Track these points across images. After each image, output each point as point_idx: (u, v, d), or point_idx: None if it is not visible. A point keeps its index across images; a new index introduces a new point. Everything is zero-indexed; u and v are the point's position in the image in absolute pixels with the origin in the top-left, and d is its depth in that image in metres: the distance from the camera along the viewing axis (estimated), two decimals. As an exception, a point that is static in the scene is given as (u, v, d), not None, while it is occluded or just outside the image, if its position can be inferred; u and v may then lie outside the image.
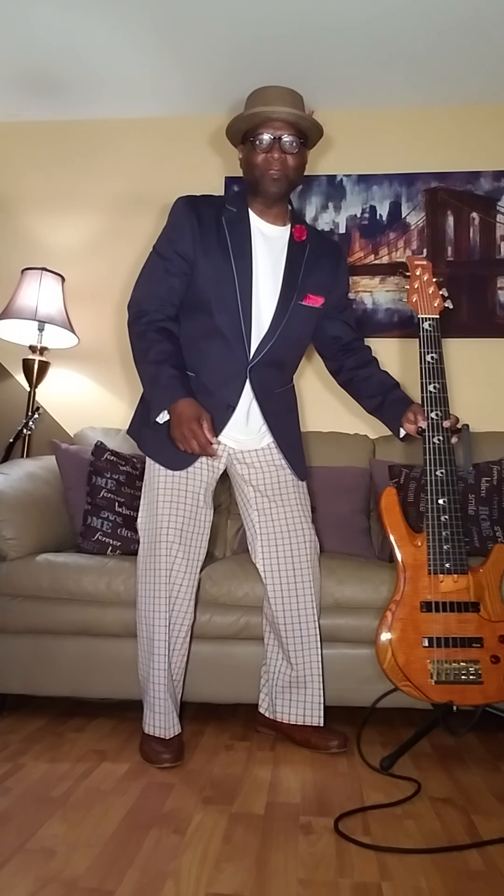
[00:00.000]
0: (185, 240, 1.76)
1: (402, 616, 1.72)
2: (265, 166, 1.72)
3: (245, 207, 1.82)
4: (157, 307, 1.76)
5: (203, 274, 1.76)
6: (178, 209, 1.81)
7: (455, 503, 1.74)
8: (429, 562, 1.73)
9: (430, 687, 1.68)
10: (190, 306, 1.80)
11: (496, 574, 1.73)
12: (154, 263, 1.80)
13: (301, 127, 1.72)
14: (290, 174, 1.74)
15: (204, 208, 1.80)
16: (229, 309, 1.75)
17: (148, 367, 1.71)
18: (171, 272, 1.77)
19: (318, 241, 1.89)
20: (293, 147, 1.71)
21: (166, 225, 1.82)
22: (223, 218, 1.79)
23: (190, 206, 1.80)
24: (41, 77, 2.83)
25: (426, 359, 1.79)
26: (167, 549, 1.70)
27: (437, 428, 1.76)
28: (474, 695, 1.68)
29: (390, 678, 1.70)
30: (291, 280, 1.81)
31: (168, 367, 1.69)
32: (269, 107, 1.69)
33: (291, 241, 1.84)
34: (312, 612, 1.82)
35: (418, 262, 1.85)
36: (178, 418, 1.65)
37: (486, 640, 1.69)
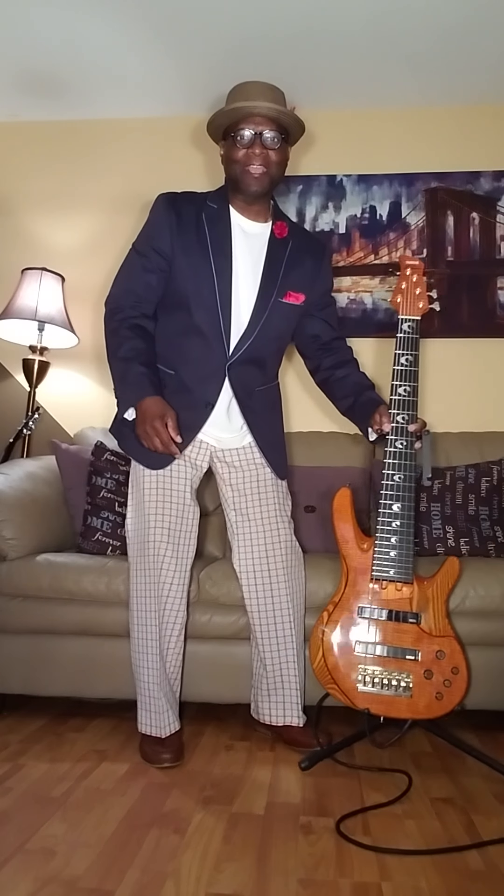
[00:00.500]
0: (162, 237, 1.76)
1: (338, 618, 1.71)
2: (246, 162, 1.70)
3: (226, 204, 1.81)
4: (132, 304, 1.76)
5: (181, 271, 1.75)
6: (157, 206, 1.80)
7: (409, 510, 1.72)
8: (373, 567, 1.72)
9: (357, 693, 1.66)
10: (169, 303, 1.80)
11: (444, 587, 1.70)
12: (132, 260, 1.79)
13: (282, 122, 1.71)
14: (272, 170, 1.73)
15: (184, 205, 1.79)
16: (208, 307, 1.74)
17: (118, 363, 1.72)
18: (147, 269, 1.76)
19: (301, 237, 1.88)
20: (275, 143, 1.70)
21: (146, 222, 1.82)
22: (203, 214, 1.78)
23: (169, 203, 1.79)
24: (41, 77, 2.83)
25: (400, 360, 1.76)
26: (155, 549, 1.71)
27: (402, 432, 1.73)
28: (401, 708, 1.65)
29: (318, 678, 1.70)
30: (271, 277, 1.79)
31: (137, 364, 1.69)
32: (250, 102, 1.68)
33: (272, 238, 1.82)
34: (288, 614, 1.81)
35: (409, 263, 1.83)
36: (143, 415, 1.65)
37: (422, 653, 1.66)
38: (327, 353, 1.96)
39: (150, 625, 1.72)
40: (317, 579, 1.92)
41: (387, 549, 1.71)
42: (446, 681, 1.64)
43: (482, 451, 2.48)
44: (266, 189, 1.74)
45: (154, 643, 1.71)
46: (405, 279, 1.82)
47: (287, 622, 1.81)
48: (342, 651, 1.69)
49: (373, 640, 1.68)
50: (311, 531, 2.26)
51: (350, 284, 2.86)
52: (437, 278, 2.81)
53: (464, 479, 2.32)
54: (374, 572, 1.71)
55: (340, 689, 1.67)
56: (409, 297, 1.80)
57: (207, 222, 1.77)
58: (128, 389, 1.69)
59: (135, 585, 1.76)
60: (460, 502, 2.27)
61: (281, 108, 1.69)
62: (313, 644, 1.71)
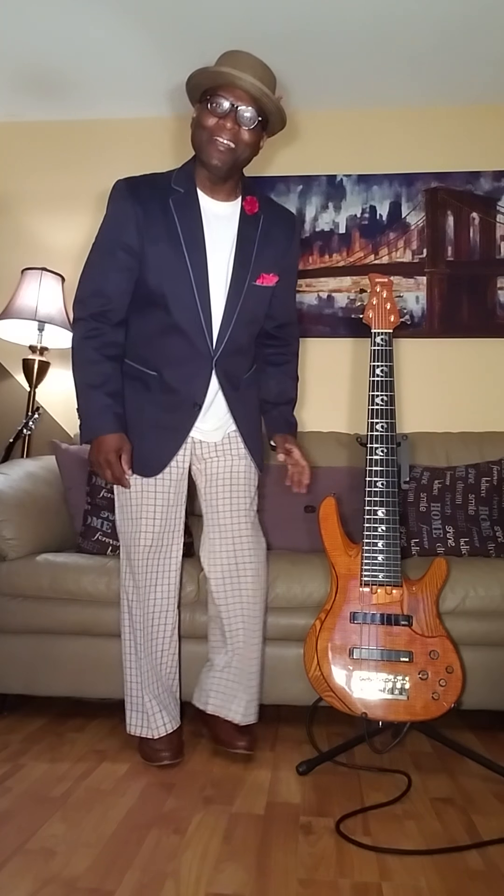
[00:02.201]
0: (128, 232, 1.64)
1: (331, 626, 1.71)
2: (215, 131, 1.58)
3: (193, 186, 1.68)
4: (101, 311, 1.66)
5: (154, 267, 1.65)
6: (118, 197, 1.67)
7: (394, 514, 1.73)
8: (362, 572, 1.73)
9: (354, 699, 1.67)
10: (143, 302, 1.69)
11: (433, 588, 1.71)
12: (98, 259, 1.67)
13: (264, 105, 1.59)
14: (239, 149, 1.60)
15: (146, 192, 1.66)
16: (186, 304, 1.66)
17: (84, 387, 1.65)
18: (117, 268, 1.65)
19: (271, 211, 1.77)
20: (250, 122, 1.57)
21: (107, 214, 1.68)
22: (171, 201, 1.65)
23: (131, 191, 1.65)
24: (41, 77, 2.83)
25: (376, 371, 1.81)
26: (138, 553, 1.70)
27: (382, 440, 1.77)
28: (399, 710, 1.65)
29: (315, 687, 1.70)
30: (244, 259, 1.70)
31: (102, 394, 1.64)
32: (236, 71, 1.55)
33: (243, 216, 1.72)
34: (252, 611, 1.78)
35: (379, 280, 1.88)
36: (98, 447, 1.63)
37: (415, 655, 1.67)
38: (271, 341, 1.90)
39: (136, 627, 1.72)
40: (317, 580, 1.93)
41: (374, 554, 1.72)
42: (441, 680, 1.65)
43: (482, 451, 2.48)
44: (227, 167, 1.62)
45: (140, 644, 1.72)
46: (375, 295, 1.87)
47: (252, 619, 1.78)
48: (337, 658, 1.69)
49: (367, 645, 1.69)
50: (312, 531, 2.26)
51: (350, 285, 2.86)
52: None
53: (464, 479, 2.32)
54: (363, 577, 1.72)
55: (337, 696, 1.67)
56: (380, 312, 1.85)
57: (176, 210, 1.65)
58: (91, 419, 1.64)
59: (122, 586, 1.77)
60: (460, 502, 2.27)
61: (266, 91, 1.57)
62: (308, 653, 1.71)
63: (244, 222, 1.72)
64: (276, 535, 2.28)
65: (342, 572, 1.75)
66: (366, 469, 1.77)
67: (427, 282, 2.83)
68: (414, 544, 2.21)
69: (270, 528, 2.29)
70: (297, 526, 2.30)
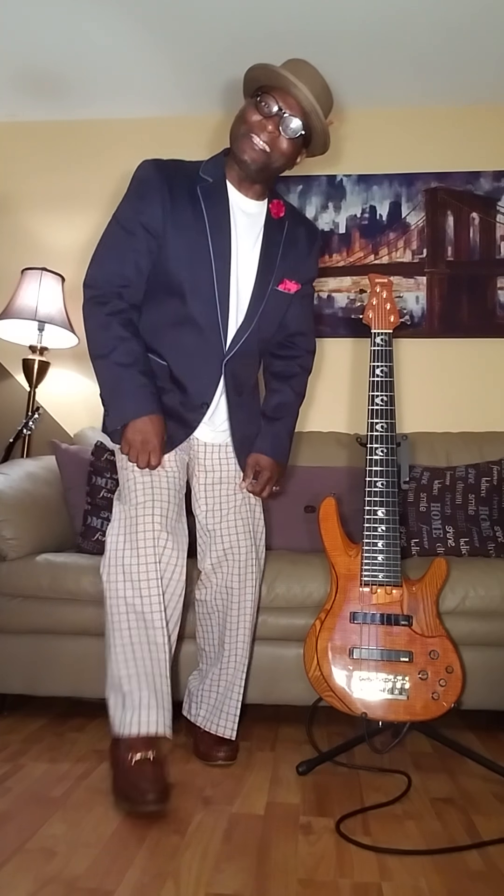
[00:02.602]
0: (153, 211, 1.56)
1: (331, 626, 1.71)
2: (254, 128, 1.55)
3: (222, 177, 1.64)
4: (119, 291, 1.56)
5: (175, 254, 1.58)
6: (145, 174, 1.60)
7: (394, 514, 1.73)
8: (362, 572, 1.73)
9: (354, 699, 1.66)
10: (159, 289, 1.61)
11: (433, 588, 1.71)
12: (117, 237, 1.58)
13: (311, 122, 1.57)
14: (274, 155, 1.57)
15: (176, 175, 1.60)
16: (204, 295, 1.59)
17: (111, 367, 1.53)
18: (137, 249, 1.57)
19: (296, 219, 1.76)
20: (292, 132, 1.55)
21: (130, 191, 1.61)
22: (198, 188, 1.61)
23: (160, 171, 1.59)
24: (41, 77, 2.83)
25: (375, 372, 1.81)
26: (155, 537, 1.52)
27: (382, 440, 1.77)
28: (399, 710, 1.65)
29: (315, 687, 1.70)
30: (268, 262, 1.67)
31: (136, 372, 1.53)
32: (296, 79, 1.52)
33: (268, 218, 1.69)
34: (244, 627, 1.73)
35: (378, 280, 1.88)
36: (140, 429, 1.51)
37: (415, 655, 1.67)
38: (281, 351, 1.85)
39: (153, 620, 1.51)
40: (317, 580, 1.93)
41: (374, 554, 1.72)
42: (441, 680, 1.65)
43: (482, 451, 2.48)
44: (257, 168, 1.58)
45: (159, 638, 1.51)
46: (375, 295, 1.87)
47: (242, 635, 1.73)
48: (337, 658, 1.69)
49: (367, 645, 1.69)
50: (312, 531, 2.26)
51: (350, 285, 2.86)
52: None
53: (464, 479, 2.32)
54: (363, 577, 1.72)
55: (337, 696, 1.67)
56: (380, 312, 1.85)
57: (204, 198, 1.60)
58: (126, 401, 1.52)
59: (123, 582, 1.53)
60: (460, 502, 2.27)
61: (317, 108, 1.54)
62: (308, 653, 1.71)
63: (270, 225, 1.69)
64: (276, 535, 2.28)
65: (342, 572, 1.75)
66: (366, 469, 1.77)
67: (427, 282, 2.83)
68: (414, 544, 2.21)
69: (270, 528, 2.29)
70: (297, 526, 2.30)
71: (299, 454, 2.52)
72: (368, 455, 1.77)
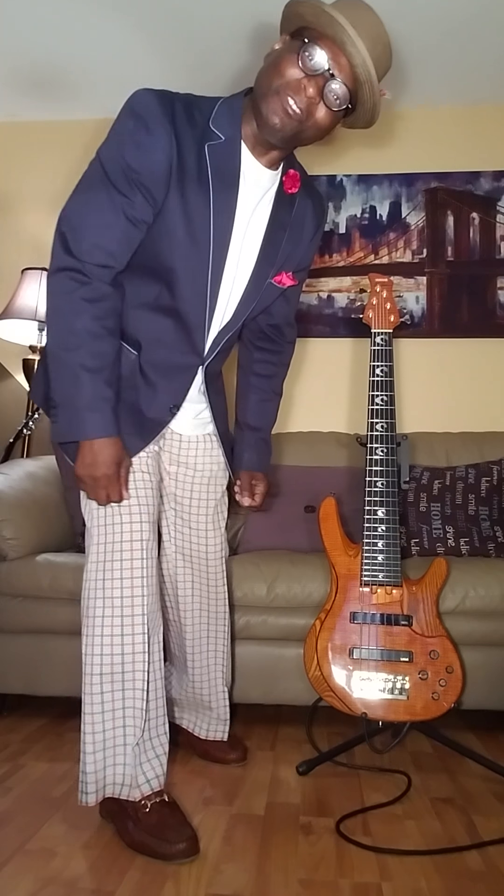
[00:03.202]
0: (157, 171, 1.23)
1: (331, 626, 1.71)
2: (290, 87, 1.21)
3: (237, 135, 1.30)
4: (103, 266, 1.25)
5: (170, 233, 1.28)
6: (147, 112, 1.23)
7: (394, 514, 1.73)
8: (362, 572, 1.73)
9: (354, 699, 1.66)
10: (139, 269, 1.33)
11: (433, 588, 1.71)
12: (107, 198, 1.24)
13: (361, 93, 1.23)
14: (307, 124, 1.25)
15: (185, 122, 1.25)
16: (196, 290, 1.34)
17: (73, 368, 1.24)
18: (130, 218, 1.25)
19: (306, 196, 1.48)
20: (336, 103, 1.22)
21: (125, 134, 1.24)
22: (206, 147, 1.27)
23: (165, 111, 1.23)
24: (41, 77, 2.83)
25: (376, 371, 1.81)
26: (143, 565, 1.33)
27: (382, 440, 1.77)
28: (399, 711, 1.65)
29: (315, 687, 1.70)
30: (270, 251, 1.41)
31: (101, 382, 1.25)
32: (355, 33, 1.17)
33: (279, 193, 1.40)
34: (224, 624, 1.68)
35: (379, 280, 1.88)
36: (95, 458, 1.26)
37: (415, 655, 1.67)
38: (263, 344, 1.66)
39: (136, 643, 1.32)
40: (317, 580, 1.92)
41: (374, 554, 1.72)
42: (441, 680, 1.65)
43: (482, 451, 2.48)
44: (285, 135, 1.26)
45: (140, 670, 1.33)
46: (375, 295, 1.86)
47: (222, 634, 1.68)
48: (337, 658, 1.69)
49: (367, 645, 1.69)
50: (312, 531, 2.26)
51: (350, 285, 2.86)
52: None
53: (464, 479, 2.32)
54: (363, 577, 1.72)
55: (337, 696, 1.67)
56: (380, 312, 1.85)
57: (211, 162, 1.27)
58: (84, 414, 1.25)
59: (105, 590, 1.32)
60: (460, 502, 2.27)
61: (374, 78, 1.21)
62: (308, 653, 1.71)
63: (279, 202, 1.40)
64: (276, 535, 2.28)
65: (342, 572, 1.75)
66: (366, 469, 1.77)
67: (427, 282, 2.83)
68: (414, 544, 2.21)
69: (270, 528, 2.29)
70: (297, 526, 2.30)
71: (299, 454, 2.52)
72: (368, 455, 1.77)
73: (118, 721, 1.31)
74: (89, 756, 1.30)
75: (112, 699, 1.31)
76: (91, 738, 1.30)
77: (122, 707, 1.31)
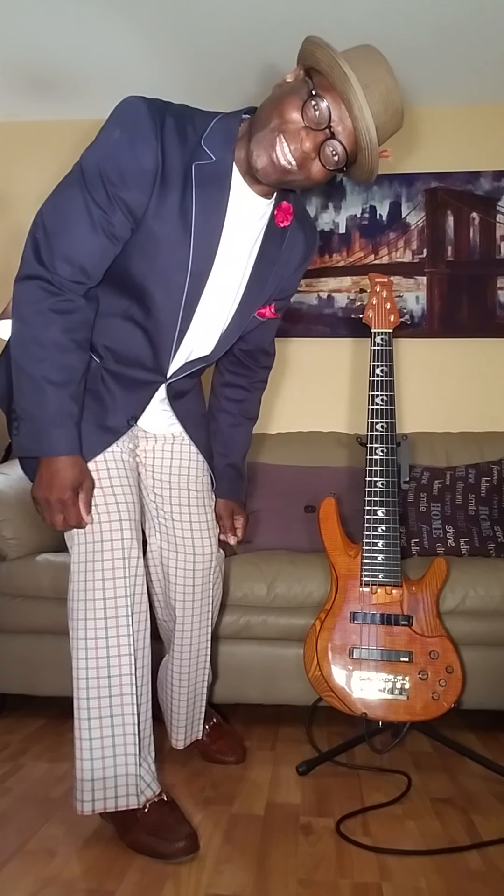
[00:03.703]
0: (140, 188, 1.17)
1: (330, 626, 1.71)
2: (287, 134, 1.15)
3: (229, 159, 1.23)
4: (76, 279, 1.20)
5: (146, 251, 1.22)
6: (135, 124, 1.17)
7: (394, 514, 1.73)
8: (362, 572, 1.73)
9: (354, 700, 1.66)
10: (113, 281, 1.27)
11: (433, 588, 1.71)
12: (82, 208, 1.18)
13: (361, 153, 1.18)
14: (298, 175, 1.20)
15: (173, 142, 1.18)
16: (168, 311, 1.28)
17: (36, 381, 1.19)
18: (108, 234, 1.19)
19: (298, 229, 1.42)
20: (334, 162, 1.18)
21: (110, 144, 1.19)
22: (193, 165, 1.20)
23: (155, 124, 1.17)
24: (41, 77, 2.83)
25: (375, 371, 1.80)
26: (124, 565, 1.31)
27: (381, 439, 1.77)
28: (399, 711, 1.65)
29: (315, 687, 1.70)
30: (256, 289, 1.37)
31: (66, 396, 1.20)
32: (363, 95, 1.11)
33: (270, 225, 1.34)
34: (207, 624, 1.62)
35: (378, 280, 1.87)
36: (51, 476, 1.21)
37: (415, 655, 1.67)
38: (235, 368, 1.62)
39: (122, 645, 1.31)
40: (317, 580, 1.92)
41: (374, 554, 1.72)
42: (441, 680, 1.65)
43: (482, 451, 2.48)
44: (270, 182, 1.23)
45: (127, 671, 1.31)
46: (375, 295, 1.86)
47: (205, 634, 1.63)
48: (337, 658, 1.69)
49: (367, 645, 1.69)
50: (312, 531, 2.26)
51: (350, 285, 2.86)
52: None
53: (464, 479, 2.32)
54: (363, 577, 1.72)
55: (337, 696, 1.68)
56: (380, 312, 1.84)
57: (197, 183, 1.20)
58: (48, 431, 1.20)
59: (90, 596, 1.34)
60: (460, 502, 2.27)
61: (375, 145, 1.16)
62: (307, 653, 1.71)
63: (270, 234, 1.35)
64: (276, 535, 2.28)
65: (342, 572, 1.75)
66: (366, 469, 1.77)
67: (427, 282, 2.82)
68: (414, 544, 2.21)
69: (270, 528, 2.29)
70: (297, 526, 2.30)
71: (299, 454, 2.52)
72: (368, 455, 1.77)
73: (117, 729, 1.28)
74: (86, 763, 1.28)
75: (99, 706, 1.29)
76: (88, 745, 1.28)
77: (109, 715, 1.29)
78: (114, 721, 1.29)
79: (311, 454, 2.52)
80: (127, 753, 1.28)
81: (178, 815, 1.29)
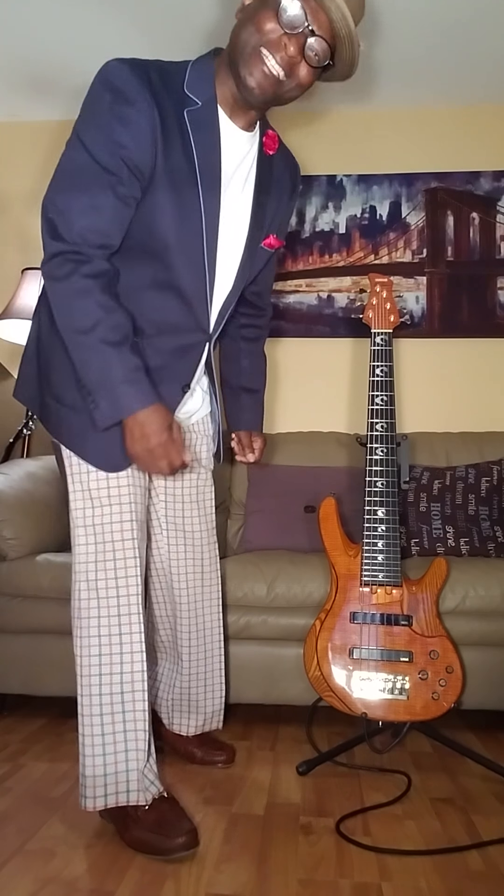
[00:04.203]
0: (142, 145, 1.18)
1: (331, 626, 1.71)
2: (270, 45, 1.17)
3: (213, 99, 1.26)
4: (99, 248, 1.20)
5: (162, 207, 1.24)
6: (125, 85, 1.18)
7: (394, 514, 1.74)
8: (362, 572, 1.73)
9: (354, 699, 1.67)
10: (133, 247, 1.27)
11: (433, 588, 1.72)
12: (92, 177, 1.19)
13: (340, 49, 1.20)
14: (288, 84, 1.21)
15: (162, 89, 1.20)
16: (192, 260, 1.29)
17: (97, 347, 1.19)
18: (121, 196, 1.20)
19: (282, 154, 1.46)
20: (317, 60, 1.19)
21: (102, 107, 1.19)
22: (185, 113, 1.22)
23: (142, 82, 1.18)
24: (41, 77, 2.83)
25: (375, 371, 1.81)
26: (136, 564, 1.34)
27: (382, 439, 1.77)
28: (399, 711, 1.65)
29: (315, 687, 1.70)
30: (260, 216, 1.39)
31: (128, 352, 1.20)
32: None
33: (260, 155, 1.37)
34: (218, 615, 1.67)
35: (378, 280, 1.88)
36: (143, 430, 1.21)
37: (415, 655, 1.67)
38: (247, 310, 1.65)
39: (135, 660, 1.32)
40: (317, 580, 1.92)
41: (374, 554, 1.72)
42: (441, 680, 1.65)
43: (482, 451, 2.48)
44: (265, 98, 1.24)
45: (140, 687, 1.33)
46: (375, 295, 1.86)
47: (217, 623, 1.67)
48: (337, 658, 1.69)
49: (367, 645, 1.69)
50: (312, 531, 2.26)
51: (350, 285, 2.86)
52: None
53: (464, 479, 2.32)
54: (363, 577, 1.72)
55: (337, 696, 1.68)
56: (380, 312, 1.85)
57: (192, 128, 1.23)
58: (119, 390, 1.20)
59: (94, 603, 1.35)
60: (460, 502, 2.27)
61: (354, 35, 1.18)
62: (308, 653, 1.71)
63: (261, 164, 1.37)
64: (276, 535, 2.28)
65: (342, 572, 1.75)
66: (366, 469, 1.77)
67: (427, 282, 2.83)
68: (414, 544, 2.21)
69: (270, 528, 2.29)
70: (297, 526, 2.30)
71: (299, 454, 2.52)
72: (368, 455, 1.77)
73: (129, 725, 1.31)
74: (89, 759, 1.30)
75: (111, 702, 1.31)
76: (90, 741, 1.30)
77: (122, 710, 1.31)
78: (125, 717, 1.31)
79: (311, 454, 2.52)
80: (138, 749, 1.31)
81: (179, 811, 1.30)
